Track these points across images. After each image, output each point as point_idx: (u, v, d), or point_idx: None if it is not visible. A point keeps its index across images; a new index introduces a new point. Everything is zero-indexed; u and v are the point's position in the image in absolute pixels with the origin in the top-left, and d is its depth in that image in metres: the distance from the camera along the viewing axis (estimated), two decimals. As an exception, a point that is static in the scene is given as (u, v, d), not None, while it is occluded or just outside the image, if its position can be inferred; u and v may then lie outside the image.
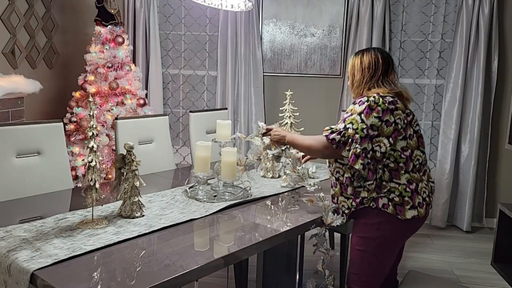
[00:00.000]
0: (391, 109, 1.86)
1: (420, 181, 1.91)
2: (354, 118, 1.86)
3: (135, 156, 1.86)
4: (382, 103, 1.85)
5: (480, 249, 3.65)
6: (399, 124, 1.86)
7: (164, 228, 1.76)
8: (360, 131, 1.83)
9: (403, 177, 1.88)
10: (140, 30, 4.19)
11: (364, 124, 1.83)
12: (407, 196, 1.86)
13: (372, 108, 1.84)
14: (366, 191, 1.88)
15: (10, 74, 3.30)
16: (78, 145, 3.57)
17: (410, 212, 1.86)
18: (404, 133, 1.88)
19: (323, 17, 4.16)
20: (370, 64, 2.00)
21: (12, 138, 2.19)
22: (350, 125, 1.86)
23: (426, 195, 1.91)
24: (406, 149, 1.88)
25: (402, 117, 1.88)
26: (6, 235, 1.61)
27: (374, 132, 1.84)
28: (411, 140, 1.91)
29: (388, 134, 1.85)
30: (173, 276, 1.37)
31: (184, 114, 4.44)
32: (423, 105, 4.18)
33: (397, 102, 1.90)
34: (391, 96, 1.90)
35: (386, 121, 1.84)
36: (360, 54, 2.06)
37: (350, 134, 1.85)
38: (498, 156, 4.08)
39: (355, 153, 1.83)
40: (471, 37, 3.88)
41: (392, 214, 1.86)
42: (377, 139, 1.85)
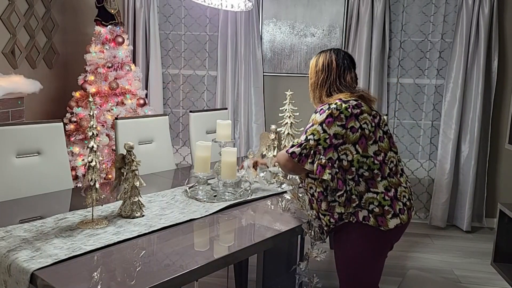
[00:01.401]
0: (355, 114, 1.76)
1: (399, 185, 1.81)
2: (315, 129, 1.76)
3: (135, 156, 1.86)
4: (345, 109, 1.75)
5: (480, 249, 3.65)
6: (366, 129, 1.77)
7: (164, 228, 1.76)
8: (323, 141, 1.74)
9: (380, 185, 1.77)
10: (140, 30, 4.19)
11: (327, 134, 1.74)
12: (387, 204, 1.75)
13: (334, 117, 1.74)
14: (342, 207, 1.76)
15: (10, 74, 3.30)
16: (78, 145, 3.57)
17: (393, 221, 1.75)
18: (374, 136, 1.79)
19: (323, 17, 4.16)
20: (324, 66, 1.91)
21: (12, 138, 2.19)
22: (312, 136, 1.76)
23: (406, 199, 1.82)
24: (378, 153, 1.79)
25: (368, 121, 1.78)
26: (6, 235, 1.62)
27: (338, 140, 1.74)
28: (382, 143, 1.82)
29: (354, 141, 1.75)
30: (173, 276, 1.37)
31: (184, 114, 4.44)
32: (423, 105, 4.18)
33: (362, 105, 1.80)
34: (354, 100, 1.81)
35: (351, 127, 1.75)
36: (317, 56, 1.97)
37: (311, 145, 1.75)
38: (498, 156, 4.08)
39: (321, 164, 1.73)
40: (471, 37, 3.88)
41: (374, 226, 1.75)
42: (342, 147, 1.75)
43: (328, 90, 1.89)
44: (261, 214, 2.02)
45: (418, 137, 4.23)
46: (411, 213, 1.84)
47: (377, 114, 1.85)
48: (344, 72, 1.90)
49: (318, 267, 2.81)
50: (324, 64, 1.91)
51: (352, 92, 1.85)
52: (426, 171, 4.24)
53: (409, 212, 1.83)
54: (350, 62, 1.94)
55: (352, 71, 1.94)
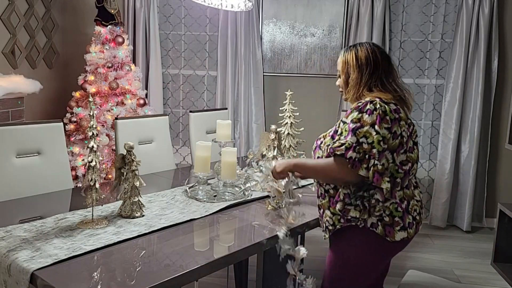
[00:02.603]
0: (397, 119, 1.65)
1: (412, 198, 1.73)
2: (367, 131, 1.60)
3: (135, 156, 1.86)
4: (390, 111, 1.64)
5: (480, 249, 3.65)
6: (404, 137, 1.66)
7: (164, 228, 1.76)
8: (377, 144, 1.59)
9: (396, 195, 1.67)
10: (140, 30, 4.19)
11: (380, 136, 1.60)
12: (398, 216, 1.66)
13: (382, 118, 1.62)
14: (357, 211, 1.67)
15: (10, 74, 3.30)
16: (78, 145, 3.57)
17: (400, 234, 1.67)
18: (406, 146, 1.68)
19: (323, 17, 4.16)
20: (368, 59, 1.76)
21: (12, 138, 2.19)
22: (364, 139, 1.60)
23: (417, 213, 1.73)
24: (405, 163, 1.68)
25: (405, 129, 1.68)
26: (6, 235, 1.62)
27: (384, 145, 1.61)
28: (412, 153, 1.71)
29: (393, 148, 1.63)
30: (173, 276, 1.37)
31: (184, 114, 4.44)
32: (423, 105, 4.18)
33: (400, 111, 1.69)
34: (394, 104, 1.69)
35: (394, 132, 1.63)
36: (353, 49, 1.81)
37: (366, 149, 1.60)
38: (498, 156, 4.08)
39: (377, 170, 1.60)
40: (471, 37, 3.88)
41: (380, 235, 1.65)
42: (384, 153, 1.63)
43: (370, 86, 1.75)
44: (261, 214, 2.02)
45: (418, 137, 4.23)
46: (419, 227, 1.76)
47: (412, 123, 1.75)
48: (389, 65, 1.78)
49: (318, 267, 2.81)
50: (369, 58, 1.76)
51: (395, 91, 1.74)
52: (426, 171, 4.24)
53: (417, 226, 1.75)
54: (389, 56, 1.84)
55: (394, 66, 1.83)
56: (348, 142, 1.61)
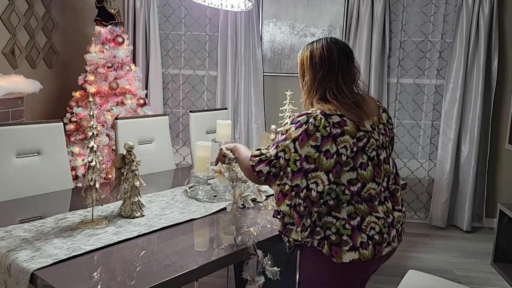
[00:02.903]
0: (334, 135, 1.43)
1: (369, 215, 1.49)
2: (287, 146, 1.45)
3: (135, 156, 1.87)
4: (323, 127, 1.43)
5: (480, 249, 3.65)
6: (344, 155, 1.44)
7: (164, 228, 1.76)
8: (292, 163, 1.44)
9: (343, 210, 1.48)
10: (140, 30, 4.19)
11: (298, 155, 1.43)
12: (346, 234, 1.46)
13: (309, 134, 1.43)
14: (297, 233, 1.51)
15: (10, 74, 3.30)
16: (78, 145, 3.57)
17: (349, 255, 1.46)
18: (353, 162, 1.46)
19: (323, 17, 4.16)
20: (323, 58, 1.52)
21: (12, 138, 2.19)
22: (282, 154, 1.46)
23: (376, 232, 1.48)
24: (355, 182, 1.47)
25: (349, 145, 1.44)
26: (6, 235, 1.62)
27: (310, 165, 1.43)
28: (365, 170, 1.48)
29: (327, 168, 1.43)
30: (173, 276, 1.37)
31: (184, 114, 4.44)
32: (423, 105, 4.18)
33: (345, 124, 1.45)
34: (338, 115, 1.46)
35: (326, 151, 1.42)
36: (310, 47, 1.58)
37: (282, 164, 1.46)
38: (498, 156, 4.08)
39: (283, 190, 1.45)
40: (471, 37, 3.88)
41: (326, 255, 1.48)
42: (313, 174, 1.43)
43: (324, 91, 1.53)
44: (261, 214, 2.02)
45: (418, 137, 4.23)
46: (380, 248, 1.49)
47: (366, 136, 1.48)
48: (348, 64, 1.55)
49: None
50: (323, 56, 1.53)
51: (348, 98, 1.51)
52: (426, 171, 4.24)
53: (377, 248, 1.49)
54: (351, 52, 1.59)
55: (355, 62, 1.59)
56: (267, 154, 1.50)
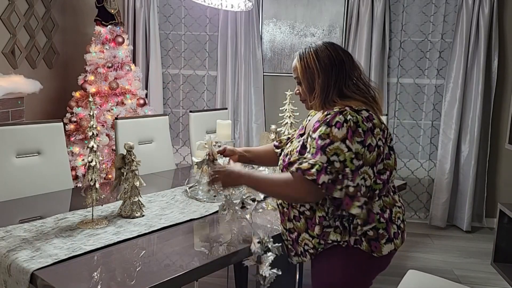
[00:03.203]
0: (370, 129, 1.47)
1: (394, 205, 1.57)
2: (338, 147, 1.42)
3: (135, 156, 1.86)
4: (362, 122, 1.45)
5: (480, 249, 3.65)
6: (381, 147, 1.49)
7: (164, 228, 1.76)
8: (350, 162, 1.42)
9: (376, 205, 1.52)
10: (140, 30, 4.19)
11: (352, 153, 1.42)
12: (382, 228, 1.52)
13: (353, 131, 1.43)
14: (337, 233, 1.51)
15: (10, 74, 3.30)
16: (78, 145, 3.57)
17: (387, 247, 1.53)
18: (382, 154, 1.52)
19: (323, 17, 4.16)
20: (332, 59, 1.55)
21: (12, 138, 2.19)
22: (335, 157, 1.42)
23: (400, 221, 1.59)
24: (383, 171, 1.53)
25: (381, 137, 1.50)
26: (6, 235, 1.61)
27: (359, 161, 1.43)
28: (390, 160, 1.55)
29: (372, 162, 1.46)
30: (173, 276, 1.37)
31: (184, 114, 4.44)
32: (423, 105, 4.18)
33: (373, 117, 1.51)
34: (365, 110, 1.51)
35: (369, 145, 1.45)
36: (312, 51, 1.58)
37: (338, 168, 1.41)
38: (498, 156, 4.08)
39: (348, 193, 1.42)
40: (471, 37, 3.88)
41: (366, 251, 1.51)
42: (361, 170, 1.44)
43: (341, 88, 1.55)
44: (261, 213, 2.02)
45: (418, 137, 4.23)
46: (404, 235, 1.62)
47: (385, 127, 1.56)
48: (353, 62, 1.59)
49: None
50: (332, 58, 1.55)
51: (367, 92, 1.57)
52: (426, 171, 4.24)
53: (403, 235, 1.61)
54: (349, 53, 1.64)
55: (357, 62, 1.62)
56: (318, 163, 1.42)
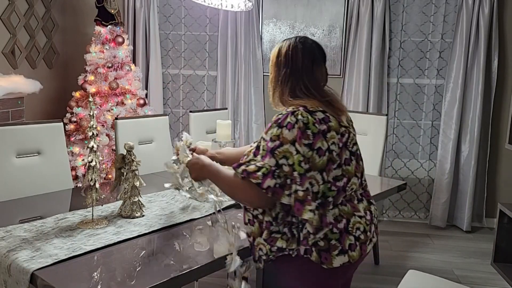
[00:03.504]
0: (323, 132, 1.40)
1: (352, 215, 1.47)
2: (288, 149, 1.36)
3: (135, 156, 1.87)
4: (313, 123, 1.39)
5: (480, 249, 3.65)
6: (334, 151, 1.41)
7: (164, 228, 1.76)
8: (298, 165, 1.36)
9: (329, 214, 1.42)
10: (140, 30, 4.19)
11: (301, 156, 1.36)
12: (334, 238, 1.41)
13: (302, 132, 1.37)
14: (284, 240, 1.44)
15: (10, 74, 3.30)
16: (78, 145, 3.57)
17: (339, 259, 1.41)
18: (339, 159, 1.43)
19: (323, 17, 4.16)
20: (288, 56, 1.50)
21: (12, 138, 2.19)
22: (284, 160, 1.36)
23: (361, 231, 1.47)
24: (340, 178, 1.43)
25: (336, 141, 1.43)
26: (6, 235, 1.62)
27: (306, 165, 1.37)
28: (349, 166, 1.47)
29: (321, 167, 1.39)
30: (173, 276, 1.37)
31: (184, 114, 4.44)
32: (423, 105, 4.18)
33: (329, 120, 1.44)
34: (321, 111, 1.44)
35: (318, 149, 1.38)
36: (279, 45, 1.56)
37: (287, 172, 1.36)
38: (498, 156, 4.08)
39: (298, 198, 1.36)
40: (471, 37, 3.88)
41: (316, 262, 1.41)
42: (308, 175, 1.37)
43: (293, 89, 1.51)
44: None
45: (418, 137, 4.23)
46: (365, 247, 1.48)
47: (346, 131, 1.49)
48: (313, 65, 1.52)
49: None
50: (288, 55, 1.50)
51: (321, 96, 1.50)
52: (426, 171, 4.24)
53: (363, 247, 1.47)
54: (320, 53, 1.56)
55: (323, 65, 1.57)
56: (265, 166, 1.37)
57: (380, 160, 3.23)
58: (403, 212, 4.28)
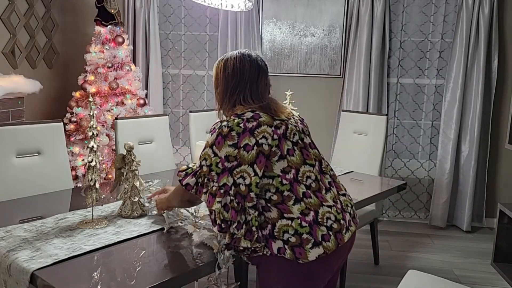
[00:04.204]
0: (250, 129, 1.48)
1: (320, 206, 1.49)
2: (207, 153, 1.50)
3: (135, 156, 1.87)
4: (237, 124, 1.48)
5: (480, 249, 3.65)
6: (265, 144, 1.47)
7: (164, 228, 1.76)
8: (215, 166, 1.47)
9: (294, 209, 1.46)
10: (140, 30, 4.19)
11: (218, 158, 1.47)
12: (305, 232, 1.44)
13: (224, 136, 1.47)
14: (247, 240, 1.47)
15: (10, 74, 3.30)
16: (78, 145, 3.57)
17: (314, 251, 1.43)
18: (280, 151, 1.49)
19: (323, 17, 4.16)
20: (235, 69, 1.60)
21: (12, 138, 2.19)
22: (204, 162, 1.50)
23: (332, 221, 1.49)
24: (288, 170, 1.49)
25: (268, 133, 1.49)
26: (6, 235, 1.62)
27: (231, 163, 1.46)
28: (293, 156, 1.52)
29: (250, 161, 1.46)
30: (173, 276, 1.37)
31: (184, 114, 4.44)
32: (423, 105, 4.18)
33: (259, 116, 1.52)
34: (250, 111, 1.53)
35: (245, 145, 1.46)
36: (225, 58, 1.65)
37: (205, 172, 1.49)
38: (498, 156, 4.08)
39: (211, 192, 1.47)
40: (471, 37, 3.88)
41: (291, 259, 1.44)
42: (238, 170, 1.45)
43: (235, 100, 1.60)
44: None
45: (418, 137, 4.23)
46: (341, 236, 1.50)
47: (283, 124, 1.54)
48: (258, 75, 1.62)
49: None
50: (236, 67, 1.60)
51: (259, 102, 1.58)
52: (426, 171, 4.24)
53: (338, 236, 1.49)
54: (264, 66, 1.67)
55: (267, 77, 1.67)
56: (192, 167, 1.57)
57: (380, 160, 3.23)
58: (403, 212, 4.28)
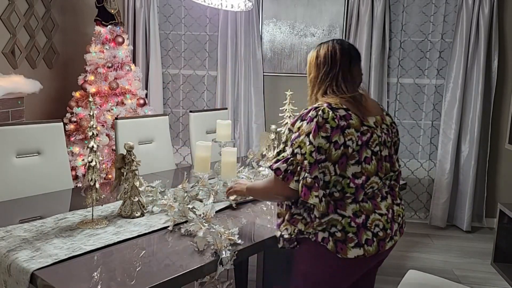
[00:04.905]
0: (341, 127, 1.49)
1: (373, 212, 1.55)
2: (302, 141, 1.49)
3: (135, 156, 1.87)
4: (332, 118, 1.49)
5: (480, 249, 3.65)
6: (350, 147, 1.50)
7: (164, 228, 1.76)
8: (308, 155, 1.47)
9: (349, 208, 1.52)
10: (140, 30, 4.19)
11: (313, 147, 1.47)
12: (352, 232, 1.50)
13: (319, 126, 1.48)
14: (303, 224, 1.54)
15: (10, 74, 3.30)
16: (78, 145, 3.57)
17: (354, 251, 1.50)
18: (358, 156, 1.52)
19: (323, 17, 4.16)
20: (327, 57, 1.62)
21: (12, 138, 2.19)
22: (298, 150, 1.49)
23: (380, 228, 1.54)
24: (359, 175, 1.52)
25: (354, 138, 1.51)
26: (6, 235, 1.62)
27: (321, 156, 1.47)
28: (369, 165, 1.54)
29: (335, 159, 1.49)
30: (173, 276, 1.37)
31: (184, 114, 4.44)
32: (423, 105, 4.18)
33: (351, 117, 1.52)
34: (344, 109, 1.53)
35: (335, 142, 1.48)
36: (317, 47, 1.68)
37: (298, 160, 1.49)
38: (498, 156, 4.08)
39: (306, 184, 1.47)
40: (471, 37, 3.88)
41: (331, 251, 1.51)
42: (323, 165, 1.48)
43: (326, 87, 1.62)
44: (261, 213, 2.02)
45: (418, 137, 4.23)
46: (383, 244, 1.56)
47: (369, 131, 1.55)
48: (350, 64, 1.62)
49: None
50: (327, 56, 1.62)
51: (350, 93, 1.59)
52: (426, 171, 4.24)
53: (381, 243, 1.55)
54: (356, 54, 1.67)
55: (359, 65, 1.67)
56: (284, 154, 1.54)
57: (380, 160, 3.23)
58: (403, 212, 4.28)
